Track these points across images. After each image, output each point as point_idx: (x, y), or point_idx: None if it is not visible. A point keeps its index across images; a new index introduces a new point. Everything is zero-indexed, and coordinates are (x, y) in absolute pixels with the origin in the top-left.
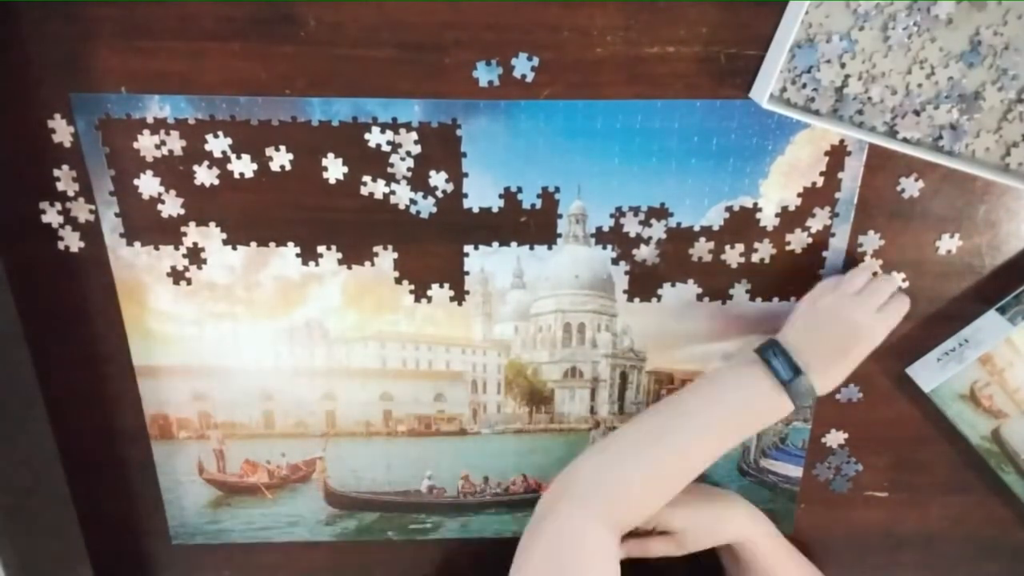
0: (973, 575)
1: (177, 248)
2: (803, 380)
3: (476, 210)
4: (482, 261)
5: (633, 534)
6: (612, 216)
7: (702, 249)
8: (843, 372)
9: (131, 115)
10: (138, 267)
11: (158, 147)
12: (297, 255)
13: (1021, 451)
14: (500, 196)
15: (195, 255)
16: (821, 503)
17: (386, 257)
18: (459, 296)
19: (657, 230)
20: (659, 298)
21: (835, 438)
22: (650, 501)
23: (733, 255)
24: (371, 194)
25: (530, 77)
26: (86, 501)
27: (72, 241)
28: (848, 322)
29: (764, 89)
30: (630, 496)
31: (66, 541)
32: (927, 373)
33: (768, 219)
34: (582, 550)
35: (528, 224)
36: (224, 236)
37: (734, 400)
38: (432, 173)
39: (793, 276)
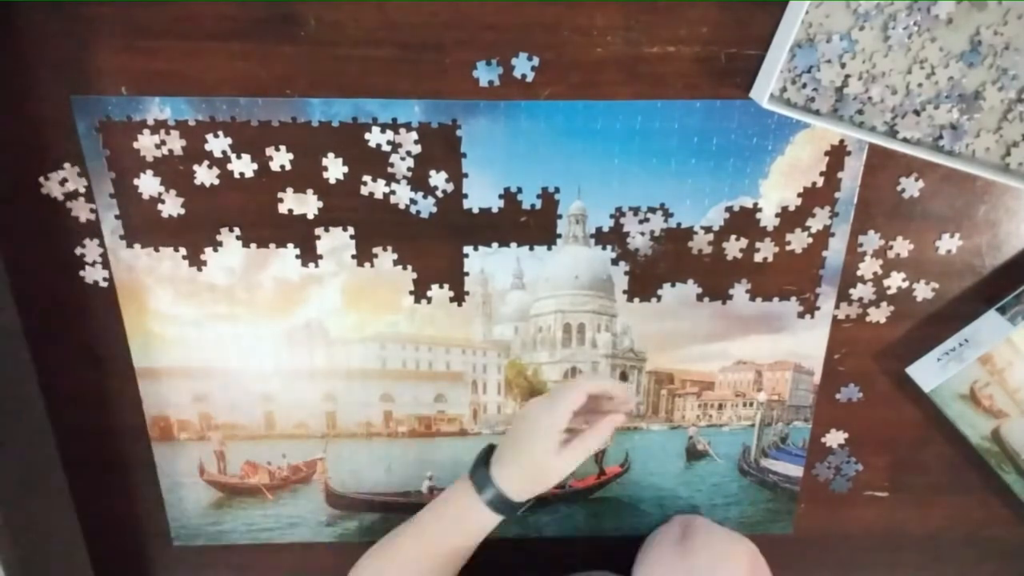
0: (973, 575)
1: (177, 250)
2: (493, 489)
3: (476, 210)
4: (482, 261)
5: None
6: (612, 216)
7: (702, 249)
8: (528, 471)
9: (131, 117)
10: (138, 269)
11: (158, 147)
12: (297, 256)
13: (1021, 451)
14: (500, 196)
15: (195, 257)
16: (821, 503)
17: (386, 258)
18: (459, 297)
19: (657, 230)
20: (659, 298)
21: (835, 438)
22: None
23: (733, 255)
24: (371, 194)
25: (530, 77)
26: (86, 501)
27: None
28: (527, 418)
29: (764, 89)
30: None
31: (66, 541)
32: (927, 373)
33: (768, 219)
34: None
35: (528, 224)
36: (224, 238)
37: (441, 508)
38: (432, 173)
39: (793, 276)
